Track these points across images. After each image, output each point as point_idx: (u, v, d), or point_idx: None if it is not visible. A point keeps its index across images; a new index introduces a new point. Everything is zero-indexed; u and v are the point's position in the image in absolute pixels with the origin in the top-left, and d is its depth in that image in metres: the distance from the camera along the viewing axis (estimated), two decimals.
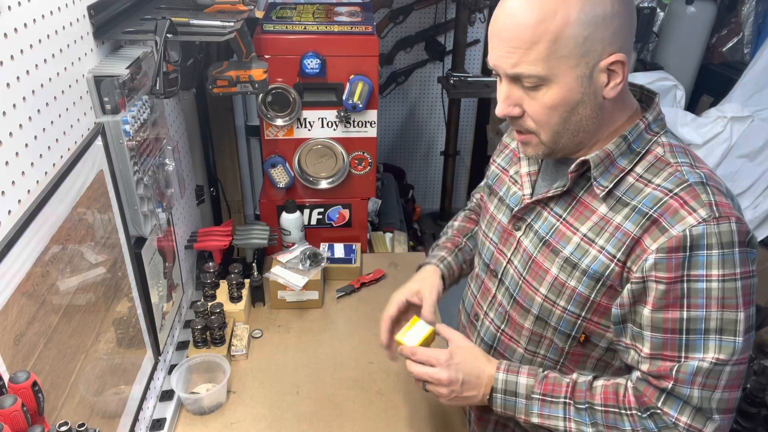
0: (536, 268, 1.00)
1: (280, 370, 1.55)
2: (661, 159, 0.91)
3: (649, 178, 0.90)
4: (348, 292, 1.83)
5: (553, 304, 0.99)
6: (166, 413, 1.38)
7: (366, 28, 1.76)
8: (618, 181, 0.92)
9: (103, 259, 1.07)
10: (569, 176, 0.95)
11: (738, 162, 2.81)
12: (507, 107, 0.91)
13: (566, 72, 0.84)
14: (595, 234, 0.93)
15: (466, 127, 3.57)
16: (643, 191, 0.89)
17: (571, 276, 0.95)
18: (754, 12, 3.14)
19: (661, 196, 0.87)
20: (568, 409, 0.95)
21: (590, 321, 0.96)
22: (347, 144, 1.87)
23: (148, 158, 1.21)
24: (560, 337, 1.00)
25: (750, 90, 2.85)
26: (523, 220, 1.04)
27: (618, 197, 0.92)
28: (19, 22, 0.83)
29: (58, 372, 0.89)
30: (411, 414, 1.42)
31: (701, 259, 0.83)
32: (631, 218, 0.89)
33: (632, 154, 0.92)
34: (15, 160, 0.81)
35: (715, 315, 0.84)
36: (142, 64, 1.17)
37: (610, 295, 0.92)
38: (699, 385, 0.86)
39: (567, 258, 0.96)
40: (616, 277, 0.91)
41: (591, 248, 0.93)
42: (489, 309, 1.13)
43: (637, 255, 0.88)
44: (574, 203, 0.97)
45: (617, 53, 0.84)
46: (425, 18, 3.24)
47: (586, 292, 0.94)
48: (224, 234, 1.78)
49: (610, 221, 0.91)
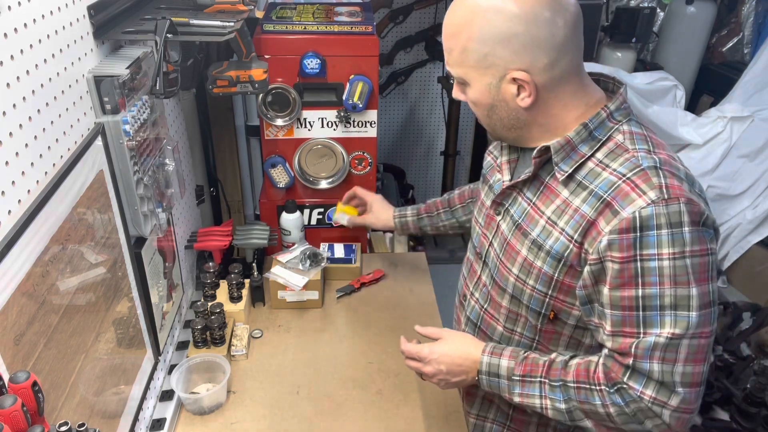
0: (510, 250, 1.08)
1: (280, 370, 1.55)
2: (621, 146, 0.97)
3: (607, 163, 0.96)
4: (348, 292, 1.83)
5: (523, 284, 1.06)
6: (166, 413, 1.38)
7: (366, 28, 1.76)
8: (578, 166, 0.98)
9: (103, 259, 1.07)
10: (533, 162, 1.03)
11: (738, 162, 2.81)
12: (456, 93, 1.07)
13: (476, 78, 0.98)
14: (557, 216, 0.99)
15: (466, 127, 3.56)
16: (600, 175, 0.96)
17: (537, 257, 1.02)
18: (754, 12, 3.14)
19: (615, 180, 0.93)
20: (544, 387, 1.02)
21: (556, 299, 1.02)
22: (347, 144, 1.87)
23: (148, 158, 1.21)
24: (532, 314, 1.07)
25: (750, 90, 2.85)
26: (502, 205, 1.12)
27: (578, 181, 0.98)
28: (19, 22, 0.83)
29: (58, 372, 0.89)
30: (411, 414, 1.42)
31: (651, 239, 0.89)
32: (587, 201, 0.95)
33: (593, 141, 0.98)
34: (15, 160, 0.81)
35: (669, 292, 0.89)
36: (142, 64, 1.17)
37: (572, 275, 0.99)
38: (658, 359, 0.90)
39: (534, 240, 1.03)
40: (574, 258, 0.97)
41: (553, 230, 1.00)
42: (474, 289, 1.21)
43: (593, 237, 0.93)
44: (541, 188, 1.04)
45: (520, 71, 0.94)
46: (425, 18, 3.24)
47: (550, 272, 1.01)
48: (224, 234, 1.78)
49: (570, 204, 0.98)
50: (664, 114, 2.87)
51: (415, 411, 1.43)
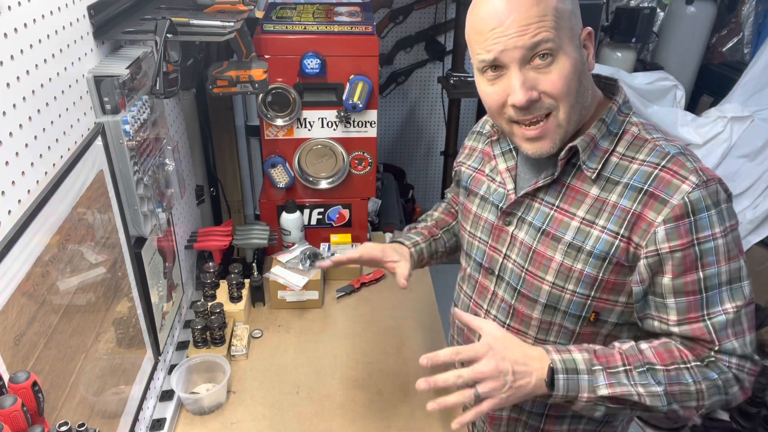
0: (539, 258, 1.02)
1: (280, 370, 1.55)
2: (638, 137, 0.97)
3: (632, 156, 0.96)
4: (348, 292, 1.83)
5: (562, 290, 1.01)
6: (166, 413, 1.38)
7: (366, 28, 1.76)
8: (604, 162, 0.97)
9: (103, 259, 1.07)
10: (559, 163, 0.98)
11: (738, 162, 2.81)
12: (527, 92, 0.90)
13: (568, 42, 0.90)
14: (594, 215, 0.96)
15: (466, 127, 3.56)
16: (629, 168, 0.95)
17: (576, 259, 0.98)
18: (754, 12, 3.14)
19: (651, 171, 0.93)
20: (631, 374, 0.94)
21: (599, 299, 0.99)
22: (347, 144, 1.87)
23: (148, 158, 1.21)
24: (571, 319, 1.03)
25: (750, 90, 2.85)
26: (513, 215, 1.06)
27: (607, 177, 0.96)
28: (19, 22, 0.83)
29: (58, 372, 0.89)
30: (411, 414, 1.42)
31: (704, 221, 0.90)
32: (626, 195, 0.94)
33: (611, 136, 0.98)
34: (15, 160, 0.81)
35: (725, 268, 0.91)
36: (142, 64, 1.17)
37: (617, 272, 0.96)
38: (733, 335, 0.92)
39: (570, 243, 0.98)
40: (621, 253, 0.94)
41: (592, 229, 0.96)
42: (490, 307, 1.13)
43: (643, 230, 0.92)
44: (564, 190, 1.00)
45: (587, 27, 0.94)
46: (425, 18, 3.24)
47: (594, 273, 0.97)
48: (224, 234, 1.78)
49: (605, 201, 0.96)
50: (664, 114, 2.87)
51: (415, 411, 1.43)
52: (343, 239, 1.94)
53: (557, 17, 0.88)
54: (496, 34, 0.89)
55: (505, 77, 0.92)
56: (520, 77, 0.90)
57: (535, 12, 0.88)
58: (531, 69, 0.90)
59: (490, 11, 0.90)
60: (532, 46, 0.88)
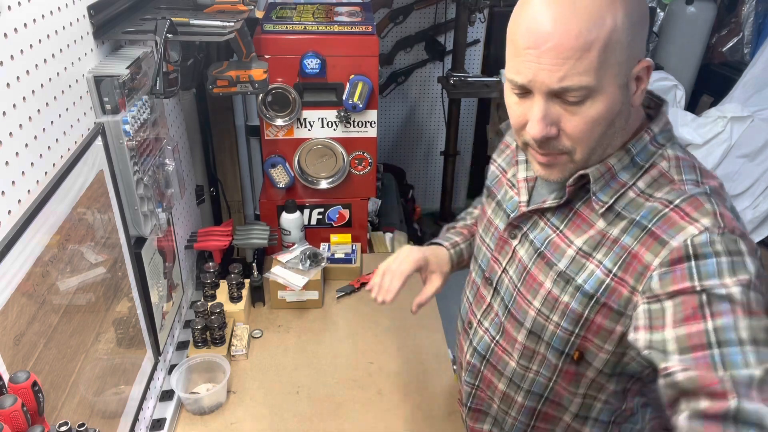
0: (530, 281, 0.96)
1: (280, 370, 1.55)
2: (665, 174, 0.85)
3: (650, 193, 0.84)
4: (348, 292, 1.83)
5: (546, 319, 0.94)
6: (166, 413, 1.38)
7: (366, 28, 1.76)
8: (618, 196, 0.86)
9: (103, 259, 1.07)
10: (567, 189, 0.90)
11: (738, 162, 2.81)
12: (545, 127, 0.81)
13: (611, 81, 0.77)
14: (592, 248, 0.88)
15: (466, 127, 3.56)
16: (642, 206, 0.84)
17: (564, 291, 0.90)
18: (754, 12, 3.14)
19: (660, 208, 0.82)
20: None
21: (584, 338, 0.91)
22: (347, 144, 1.87)
23: (148, 158, 1.21)
24: (553, 353, 0.95)
25: (750, 90, 2.85)
26: (519, 229, 0.99)
27: (617, 212, 0.86)
28: (19, 22, 0.83)
29: (58, 372, 0.89)
30: (411, 414, 1.42)
31: (711, 267, 0.75)
32: (629, 231, 0.84)
33: (635, 168, 0.86)
34: (15, 160, 0.81)
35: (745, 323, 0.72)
36: (142, 64, 1.17)
37: (605, 314, 0.87)
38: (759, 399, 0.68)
39: (561, 272, 0.91)
40: (612, 294, 0.85)
41: (587, 262, 0.88)
42: (483, 318, 1.08)
43: (639, 272, 0.82)
44: (571, 215, 0.92)
45: (646, 59, 0.80)
46: (425, 18, 3.24)
47: (579, 309, 0.89)
48: (224, 234, 1.78)
49: (607, 235, 0.86)
50: None
51: (415, 411, 1.43)
52: (343, 239, 1.94)
53: (606, 52, 0.75)
54: (530, 56, 0.78)
55: (530, 101, 0.82)
56: (542, 110, 0.80)
57: (580, 43, 0.74)
58: (558, 102, 0.80)
59: (531, 26, 0.78)
60: (561, 90, 0.78)
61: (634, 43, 0.77)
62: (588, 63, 0.75)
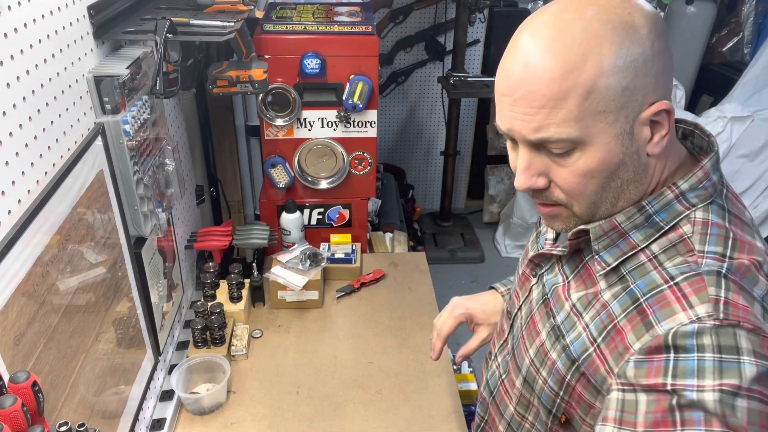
0: (532, 327, 0.89)
1: (280, 370, 1.55)
2: (686, 241, 0.72)
3: (662, 261, 0.72)
4: (348, 292, 1.83)
5: (537, 372, 0.86)
6: (166, 413, 1.38)
7: (366, 28, 1.76)
8: (626, 258, 0.75)
9: (103, 259, 1.07)
10: (568, 243, 0.82)
11: (738, 162, 2.81)
12: (528, 179, 0.73)
13: (603, 130, 0.68)
14: (583, 307, 0.79)
15: (466, 127, 3.57)
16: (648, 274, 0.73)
17: (553, 347, 0.82)
18: (754, 12, 3.14)
19: (659, 282, 0.71)
20: None
21: (568, 403, 0.81)
22: (347, 144, 1.87)
23: (148, 158, 1.21)
24: (543, 409, 0.87)
25: (750, 90, 2.85)
26: (540, 267, 0.91)
27: (622, 275, 0.75)
28: (19, 22, 0.83)
29: (58, 372, 0.89)
30: (411, 414, 1.42)
31: (690, 363, 0.64)
32: (619, 298, 0.74)
33: (651, 229, 0.74)
34: (15, 160, 0.81)
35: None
36: (142, 64, 1.17)
37: (584, 385, 0.77)
38: None
39: (555, 326, 0.83)
40: (590, 366, 0.76)
41: (578, 322, 0.79)
42: (498, 352, 1.01)
43: (618, 352, 0.71)
44: (580, 266, 0.83)
45: (660, 101, 0.68)
46: (425, 18, 3.25)
47: (562, 371, 0.80)
48: (224, 234, 1.78)
49: (598, 296, 0.77)
50: None
51: (415, 411, 1.43)
52: (343, 239, 1.94)
53: (591, 99, 0.66)
54: (505, 103, 0.71)
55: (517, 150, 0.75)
56: (525, 161, 0.73)
57: (554, 92, 0.66)
58: (545, 152, 0.72)
59: (507, 69, 0.71)
60: (539, 141, 0.70)
61: (635, 86, 0.66)
62: (566, 112, 0.67)
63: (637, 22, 0.66)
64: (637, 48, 0.66)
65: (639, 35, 0.66)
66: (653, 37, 0.67)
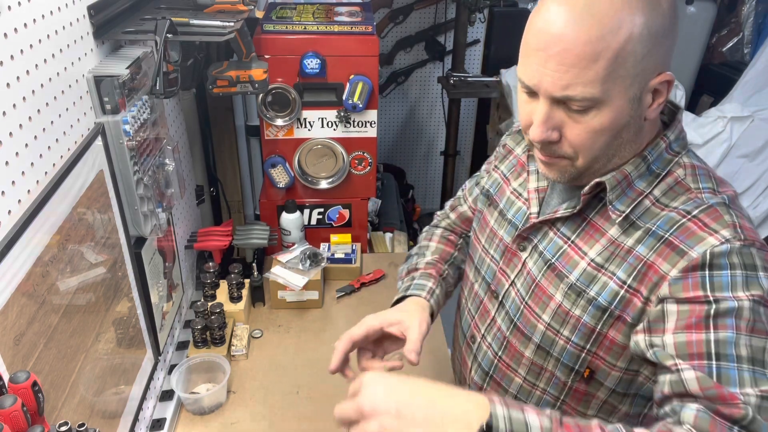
0: (540, 293, 0.93)
1: (280, 370, 1.55)
2: (681, 183, 0.84)
3: (666, 203, 0.83)
4: (348, 292, 1.83)
5: (556, 333, 0.91)
6: (166, 413, 1.38)
7: (366, 28, 1.76)
8: (635, 205, 0.84)
9: (103, 259, 1.07)
10: (581, 198, 0.87)
11: (738, 162, 2.81)
12: (545, 131, 0.80)
13: (620, 93, 0.75)
14: (605, 259, 0.85)
15: (466, 127, 3.57)
16: (659, 215, 0.83)
17: (575, 304, 0.88)
18: (754, 12, 3.14)
19: (678, 218, 0.80)
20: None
21: (595, 355, 0.88)
22: (347, 144, 1.87)
23: (148, 158, 1.21)
24: (563, 369, 0.92)
25: (750, 90, 2.85)
26: (529, 241, 0.96)
27: (632, 221, 0.84)
28: (19, 22, 0.83)
29: (58, 372, 0.89)
30: None
31: (725, 279, 0.74)
32: (644, 241, 0.82)
33: (651, 176, 0.85)
34: (15, 160, 0.81)
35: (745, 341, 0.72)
36: (142, 64, 1.17)
37: (618, 329, 0.85)
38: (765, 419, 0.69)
39: (572, 284, 0.88)
40: (626, 307, 0.83)
41: (600, 274, 0.86)
42: (487, 332, 1.04)
43: (654, 282, 0.80)
44: (584, 225, 0.89)
45: (666, 72, 0.78)
46: (425, 18, 3.24)
47: (591, 323, 0.87)
48: (224, 234, 1.78)
49: (621, 245, 0.84)
50: None
51: None
52: (343, 239, 1.94)
53: (617, 63, 0.73)
54: (537, 59, 0.76)
55: (536, 102, 0.81)
56: (545, 113, 0.79)
57: (589, 51, 0.72)
58: (563, 108, 0.78)
59: (542, 27, 0.76)
60: (563, 98, 0.76)
61: (652, 55, 0.74)
62: (594, 73, 0.73)
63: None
64: (660, 20, 0.74)
65: (662, 8, 0.74)
66: (671, 13, 0.76)
